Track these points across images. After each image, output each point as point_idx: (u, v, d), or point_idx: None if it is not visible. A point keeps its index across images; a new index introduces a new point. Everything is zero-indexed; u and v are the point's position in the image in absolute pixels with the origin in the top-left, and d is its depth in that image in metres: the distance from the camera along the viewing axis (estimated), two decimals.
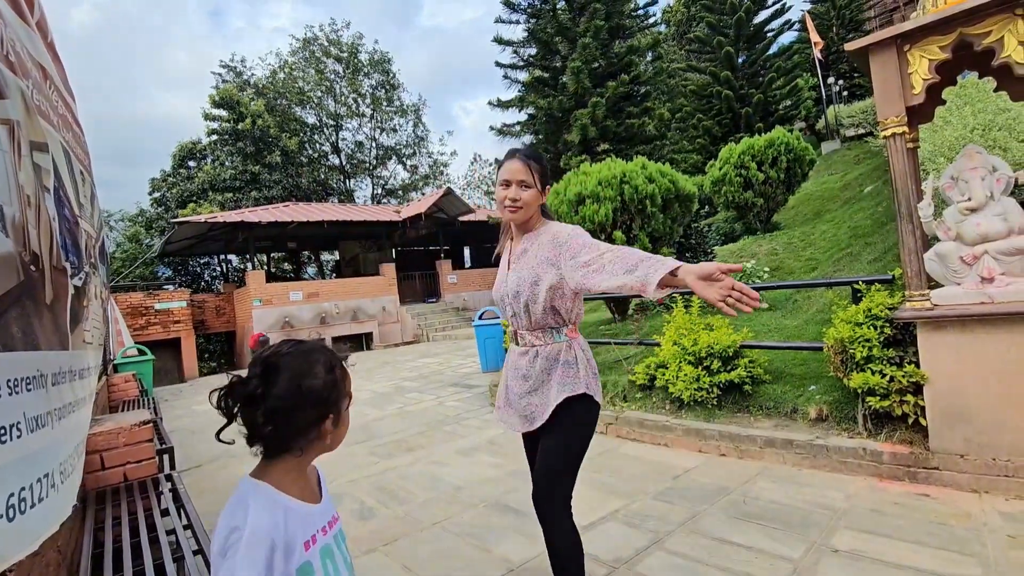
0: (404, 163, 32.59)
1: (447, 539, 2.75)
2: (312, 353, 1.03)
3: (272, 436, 0.98)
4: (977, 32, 2.67)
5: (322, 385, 1.00)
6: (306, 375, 0.99)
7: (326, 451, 1.06)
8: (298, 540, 0.94)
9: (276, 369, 0.97)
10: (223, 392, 0.96)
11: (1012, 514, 2.42)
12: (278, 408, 0.96)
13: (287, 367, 0.98)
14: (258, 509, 0.93)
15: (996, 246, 2.70)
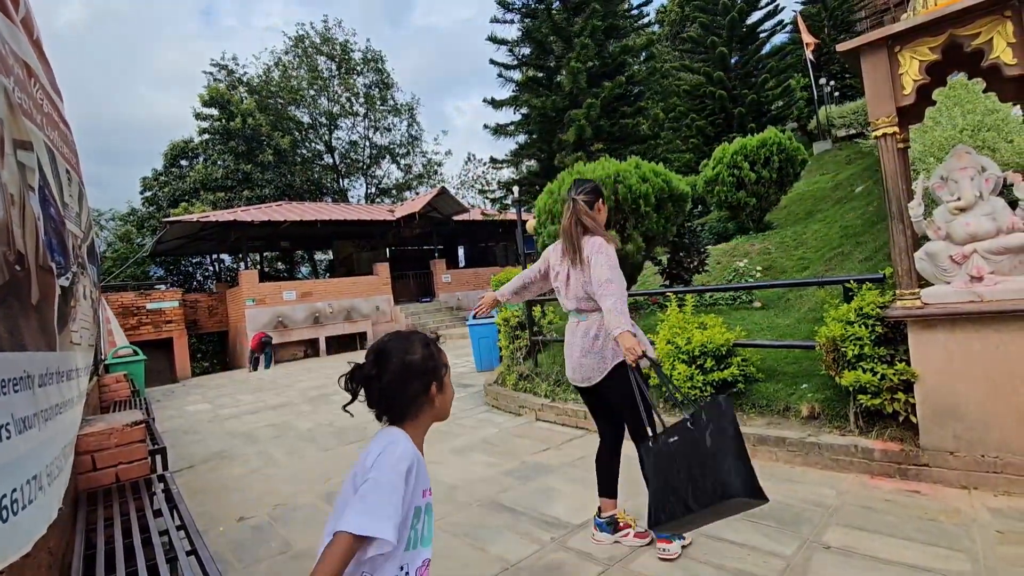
0: (398, 162, 32.51)
1: (443, 539, 2.75)
2: (410, 336, 1.25)
3: (392, 407, 1.20)
4: (967, 33, 2.70)
5: (421, 359, 1.21)
6: (409, 353, 1.20)
7: (438, 417, 1.26)
8: (421, 485, 1.14)
9: (385, 352, 1.20)
10: (347, 376, 1.20)
11: (1000, 510, 2.45)
12: (391, 382, 1.18)
13: (393, 349, 1.21)
14: (405, 440, 1.15)
15: (985, 245, 2.73)
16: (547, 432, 4.60)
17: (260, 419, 6.59)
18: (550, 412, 4.92)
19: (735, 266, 7.25)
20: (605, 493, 2.54)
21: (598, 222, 2.49)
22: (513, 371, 5.88)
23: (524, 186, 14.95)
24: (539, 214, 6.30)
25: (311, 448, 4.89)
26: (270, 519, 3.27)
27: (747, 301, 5.85)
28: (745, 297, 5.89)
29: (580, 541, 2.57)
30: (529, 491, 3.30)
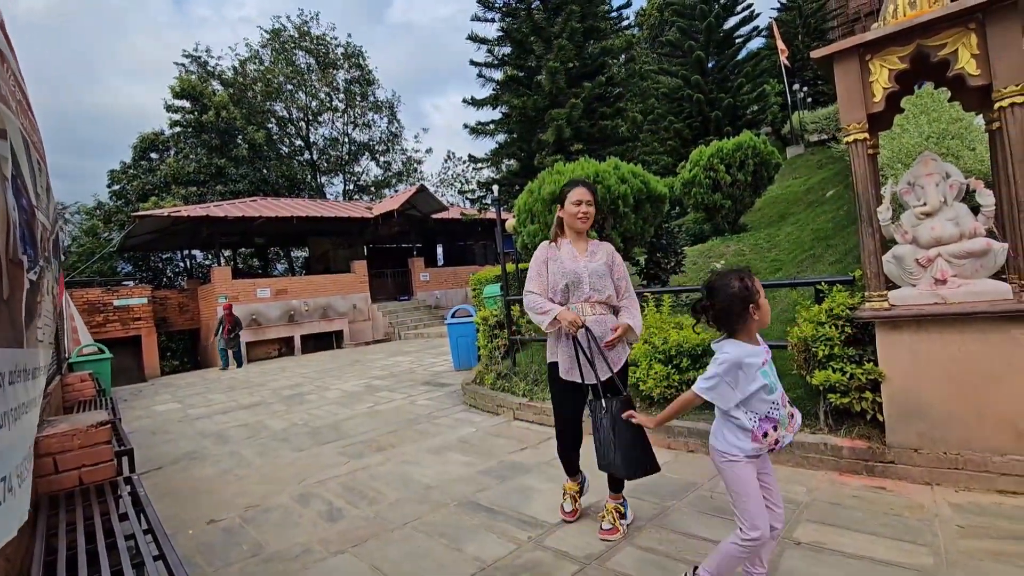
0: (377, 159, 32.19)
1: (418, 539, 2.73)
2: (728, 274, 1.80)
3: (723, 325, 1.82)
4: (933, 44, 2.79)
5: (739, 288, 1.76)
6: (729, 286, 1.77)
7: (761, 326, 1.81)
8: (756, 361, 1.77)
9: (713, 287, 1.82)
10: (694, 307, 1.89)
11: (961, 505, 2.54)
12: (722, 308, 1.80)
13: (719, 286, 1.80)
14: (730, 346, 1.80)
15: (949, 249, 2.83)
16: (525, 431, 4.61)
17: (232, 419, 6.45)
18: (528, 411, 4.93)
19: (711, 267, 7.36)
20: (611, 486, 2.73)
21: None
22: (491, 370, 5.87)
23: (504, 185, 14.94)
24: (519, 213, 6.30)
25: (285, 448, 4.81)
26: (242, 521, 3.20)
27: None
28: None
29: (557, 540, 2.58)
30: (506, 490, 3.29)
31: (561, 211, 2.69)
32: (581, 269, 2.61)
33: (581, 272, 2.60)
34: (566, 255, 2.65)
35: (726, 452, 1.83)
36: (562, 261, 2.63)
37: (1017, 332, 2.61)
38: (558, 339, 2.64)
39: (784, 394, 1.85)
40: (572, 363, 2.58)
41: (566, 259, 2.64)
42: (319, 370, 10.67)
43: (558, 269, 2.62)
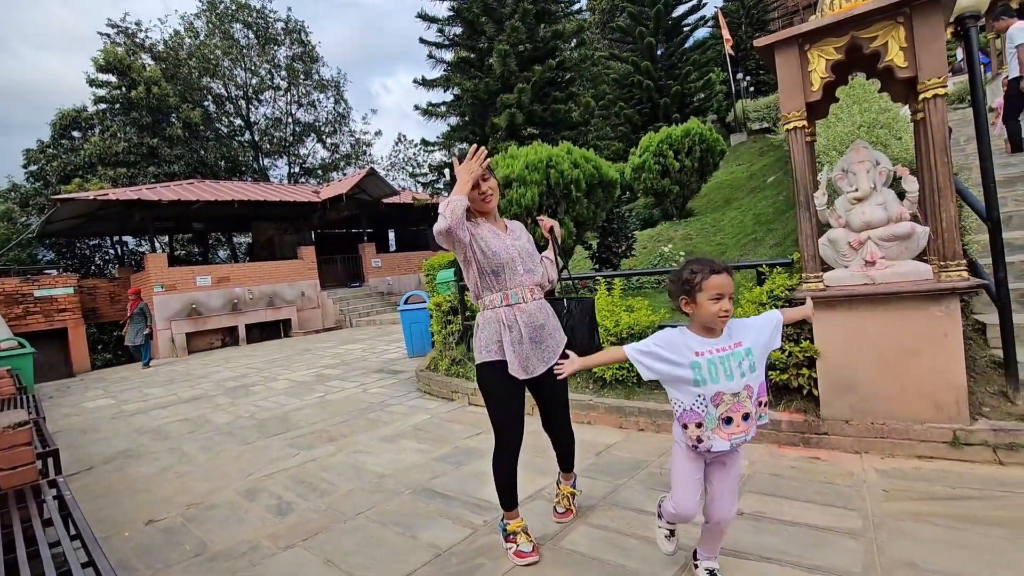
0: (324, 141, 31.04)
1: (372, 529, 2.69)
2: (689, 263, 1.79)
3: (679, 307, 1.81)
4: (866, 36, 2.91)
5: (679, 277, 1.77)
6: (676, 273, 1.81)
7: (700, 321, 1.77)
8: (693, 348, 1.74)
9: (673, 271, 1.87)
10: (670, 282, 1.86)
11: (886, 471, 2.73)
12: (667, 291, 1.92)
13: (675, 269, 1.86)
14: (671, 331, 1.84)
15: (877, 233, 3.00)
16: (480, 416, 4.61)
17: (171, 414, 6.14)
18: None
19: (660, 251, 7.55)
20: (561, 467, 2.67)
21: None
22: (445, 356, 5.83)
23: None
24: None
25: (230, 442, 4.62)
26: (183, 520, 3.06)
27: None
28: None
29: None
30: (462, 476, 3.29)
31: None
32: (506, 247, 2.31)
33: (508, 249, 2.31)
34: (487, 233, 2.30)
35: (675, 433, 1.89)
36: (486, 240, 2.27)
37: (935, 309, 2.81)
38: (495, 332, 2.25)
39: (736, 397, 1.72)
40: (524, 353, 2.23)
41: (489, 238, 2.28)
42: (266, 360, 10.30)
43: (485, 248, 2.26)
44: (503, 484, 2.33)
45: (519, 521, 2.34)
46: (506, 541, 2.32)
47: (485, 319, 2.29)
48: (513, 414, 2.30)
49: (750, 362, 1.74)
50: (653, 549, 2.21)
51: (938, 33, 2.77)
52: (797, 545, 2.12)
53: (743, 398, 1.73)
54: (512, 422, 2.30)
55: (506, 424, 2.30)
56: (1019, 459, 2.62)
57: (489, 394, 2.32)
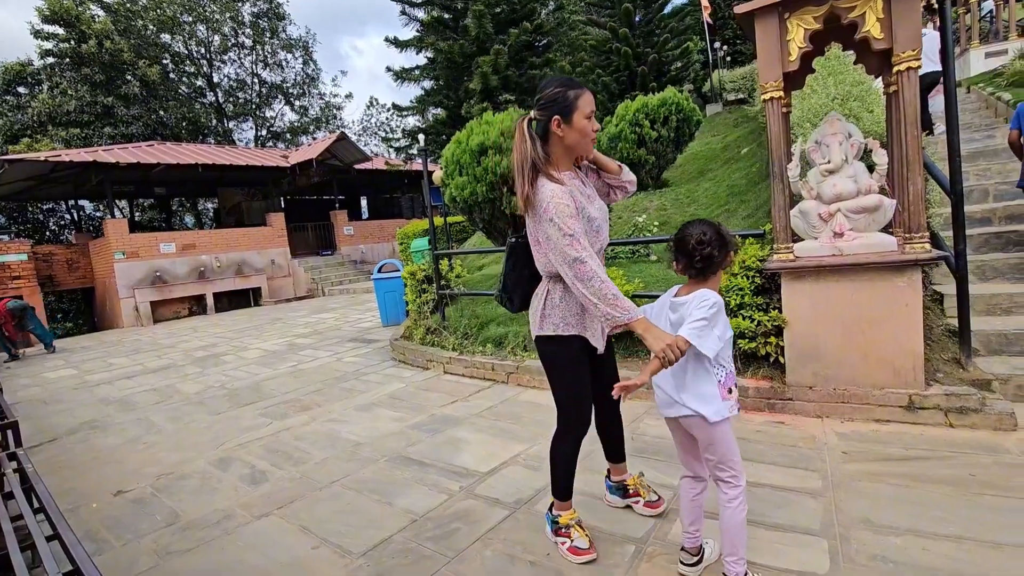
0: (292, 103, 29.88)
1: (347, 497, 2.70)
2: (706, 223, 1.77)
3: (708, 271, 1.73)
4: (845, 6, 2.90)
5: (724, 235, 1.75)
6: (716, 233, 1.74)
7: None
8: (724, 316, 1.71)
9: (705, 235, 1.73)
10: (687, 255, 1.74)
11: (846, 434, 2.86)
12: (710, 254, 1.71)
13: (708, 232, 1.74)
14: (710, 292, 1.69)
15: (847, 204, 3.05)
16: (455, 385, 4.63)
17: (138, 384, 5.99)
18: (458, 365, 4.94)
19: (635, 221, 7.57)
20: (609, 459, 2.35)
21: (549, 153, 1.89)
22: (420, 325, 5.80)
23: (431, 135, 14.41)
24: (446, 164, 6.11)
25: (200, 412, 4.54)
26: (153, 490, 3.02)
27: (645, 255, 6.17)
28: (643, 251, 6.20)
29: (488, 488, 2.64)
30: (437, 443, 3.32)
31: (562, 128, 1.86)
32: (599, 212, 1.96)
33: (600, 217, 1.96)
34: (580, 195, 1.90)
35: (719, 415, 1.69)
36: (583, 207, 1.88)
37: (899, 280, 2.90)
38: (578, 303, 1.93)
39: None
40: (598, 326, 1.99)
41: (583, 202, 1.90)
42: (236, 329, 10.10)
43: (585, 219, 1.87)
44: (564, 470, 2.07)
45: (572, 512, 2.09)
46: (556, 535, 2.08)
47: (565, 288, 1.91)
48: (587, 390, 2.04)
49: None
50: (626, 513, 2.29)
51: (915, 6, 2.77)
52: (762, 505, 2.22)
53: None
54: (587, 399, 2.05)
55: (581, 402, 2.03)
56: (967, 422, 2.77)
57: (563, 370, 2.01)
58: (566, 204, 1.77)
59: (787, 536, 2.02)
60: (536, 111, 1.89)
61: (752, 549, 1.94)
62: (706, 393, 1.70)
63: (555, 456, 2.08)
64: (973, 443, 2.61)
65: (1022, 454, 2.45)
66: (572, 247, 1.73)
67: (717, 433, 1.70)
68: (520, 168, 1.87)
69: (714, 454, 1.74)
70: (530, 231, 1.95)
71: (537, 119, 1.88)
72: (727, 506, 1.72)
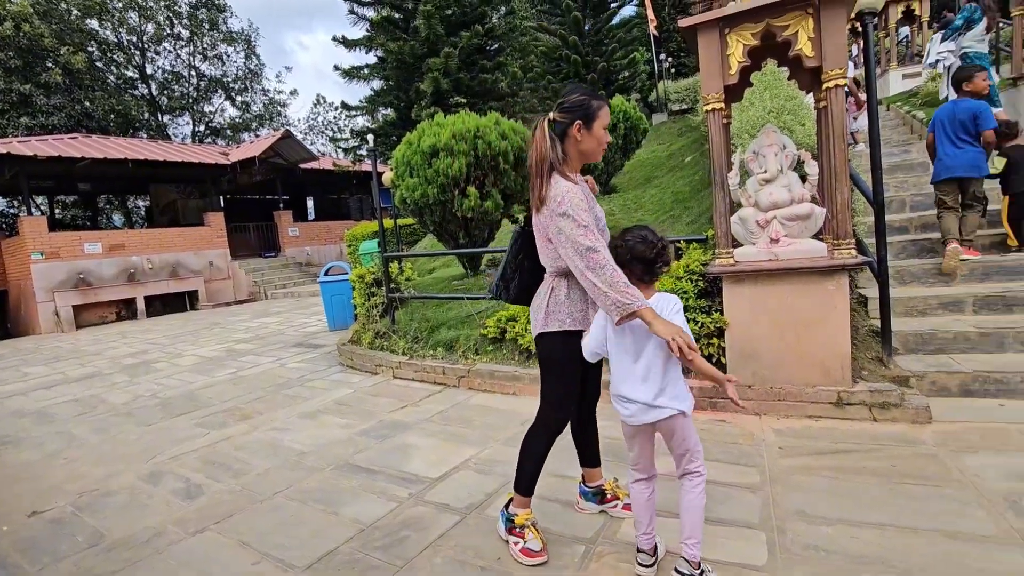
0: (233, 99, 28.65)
1: (290, 508, 2.59)
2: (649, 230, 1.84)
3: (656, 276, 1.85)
4: (780, 24, 3.07)
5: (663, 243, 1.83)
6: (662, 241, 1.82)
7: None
8: None
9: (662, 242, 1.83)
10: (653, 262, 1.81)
11: (782, 430, 3.01)
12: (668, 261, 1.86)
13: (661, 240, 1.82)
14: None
15: (782, 212, 3.22)
16: (405, 389, 4.55)
17: (57, 394, 5.55)
18: (408, 369, 4.86)
19: None
20: (585, 463, 2.33)
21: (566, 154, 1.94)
22: (369, 329, 5.68)
23: (380, 136, 14.15)
24: (397, 166, 6.02)
25: (129, 424, 4.25)
26: (75, 509, 2.79)
27: None
28: None
29: (438, 494, 2.61)
30: (386, 449, 3.24)
31: (581, 133, 1.92)
32: (600, 212, 2.04)
33: (602, 216, 2.03)
34: (588, 194, 2.00)
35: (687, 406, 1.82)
36: (593, 206, 1.97)
37: (829, 284, 3.08)
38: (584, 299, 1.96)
39: None
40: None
41: (592, 202, 2.00)
42: (170, 335, 9.54)
43: (594, 218, 1.92)
44: (533, 464, 2.07)
45: (529, 512, 2.08)
46: (510, 534, 2.06)
47: (571, 285, 1.95)
48: (578, 390, 2.07)
49: None
50: (573, 513, 2.31)
51: (841, 27, 2.97)
52: (707, 501, 2.29)
53: None
54: (574, 399, 2.08)
55: (569, 400, 2.05)
56: (889, 416, 2.98)
57: (563, 366, 2.01)
58: (580, 199, 1.83)
59: (729, 530, 2.10)
60: (558, 113, 1.94)
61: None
62: (681, 390, 1.80)
63: (527, 449, 2.09)
64: (894, 436, 2.80)
65: (936, 445, 2.66)
66: (586, 237, 1.77)
67: (689, 424, 1.82)
68: (538, 166, 1.92)
69: (686, 445, 1.84)
70: (539, 228, 1.97)
71: (558, 121, 1.94)
72: (693, 491, 1.83)
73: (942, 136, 4.43)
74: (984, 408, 3.02)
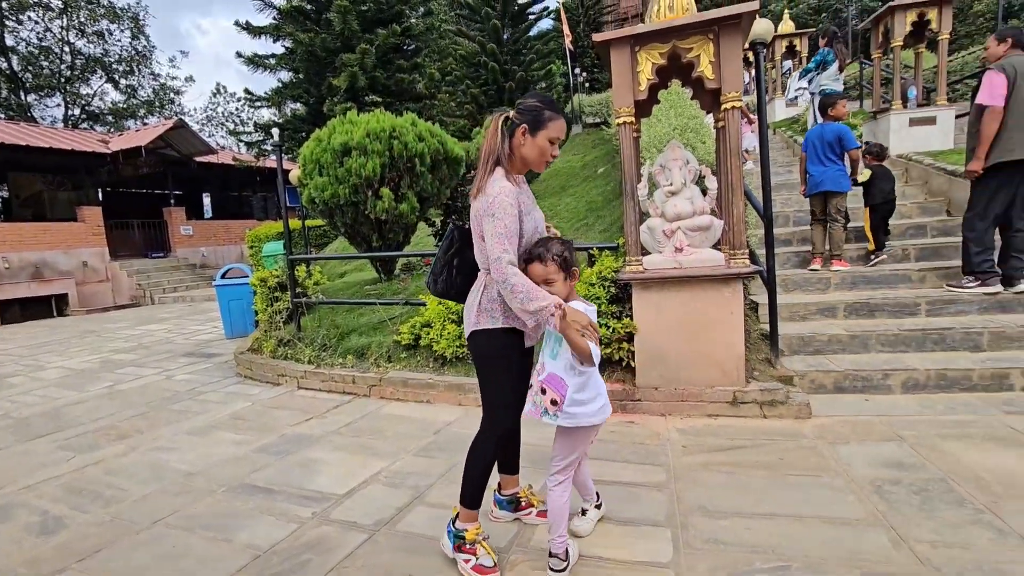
0: (116, 81, 25.86)
1: (173, 537, 2.32)
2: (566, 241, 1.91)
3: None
4: (684, 46, 3.26)
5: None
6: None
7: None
8: None
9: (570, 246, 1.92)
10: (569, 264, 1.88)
11: (685, 429, 3.17)
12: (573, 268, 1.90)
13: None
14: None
15: (686, 223, 3.41)
16: (310, 401, 4.29)
17: None
18: (314, 379, 4.59)
19: None
20: (504, 470, 2.27)
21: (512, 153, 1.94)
22: (272, 337, 5.30)
23: (288, 131, 13.40)
24: (305, 163, 5.70)
25: None
26: None
27: None
28: None
29: (345, 511, 2.46)
30: (287, 466, 3.02)
31: (525, 137, 1.91)
32: (540, 218, 2.04)
33: (540, 221, 2.04)
34: (527, 198, 1.99)
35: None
36: (530, 210, 1.97)
37: (726, 291, 3.31)
38: None
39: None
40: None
41: (530, 205, 1.99)
42: (31, 345, 8.35)
43: (529, 220, 1.93)
44: (480, 475, 1.98)
45: (479, 527, 1.98)
46: (459, 551, 1.95)
47: None
48: (516, 389, 2.00)
49: None
50: (488, 523, 2.27)
51: (738, 53, 3.20)
52: (614, 501, 2.35)
53: None
54: (516, 400, 2.01)
55: (510, 401, 1.99)
56: (776, 413, 3.24)
57: (497, 365, 1.96)
58: (511, 204, 1.81)
59: (637, 529, 2.15)
60: (515, 113, 1.94)
61: (605, 545, 2.04)
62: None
63: (474, 459, 2.00)
64: (781, 431, 3.05)
65: (815, 438, 2.92)
66: (501, 245, 1.77)
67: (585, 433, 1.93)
68: (485, 158, 1.92)
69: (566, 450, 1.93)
70: (473, 224, 1.93)
71: (513, 120, 1.93)
72: (555, 490, 1.90)
73: (813, 155, 4.99)
74: (853, 403, 3.37)
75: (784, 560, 1.89)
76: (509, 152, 1.94)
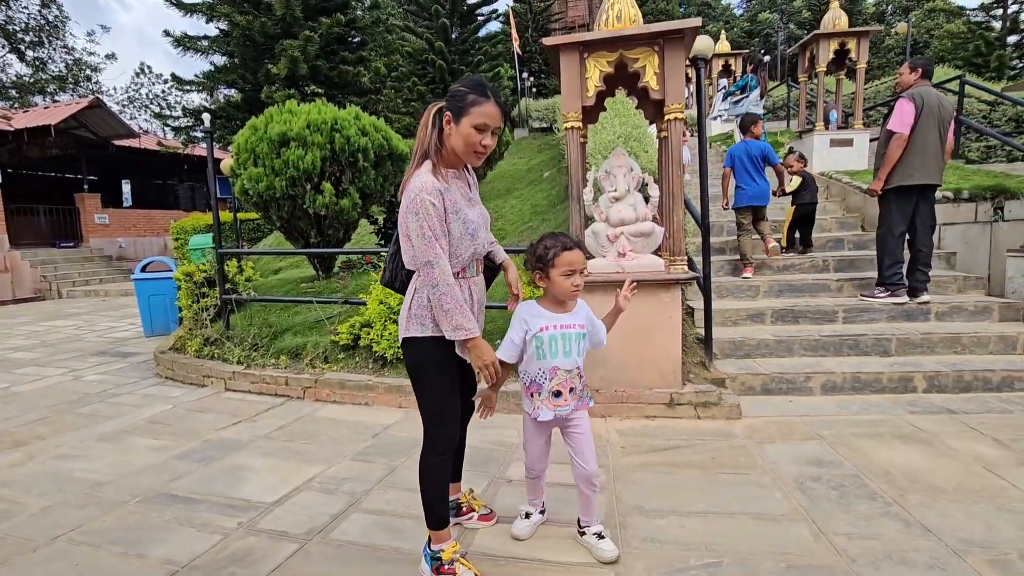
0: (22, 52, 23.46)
1: (77, 554, 2.11)
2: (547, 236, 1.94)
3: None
4: (631, 56, 3.34)
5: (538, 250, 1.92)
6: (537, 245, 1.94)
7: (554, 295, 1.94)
8: (536, 324, 1.91)
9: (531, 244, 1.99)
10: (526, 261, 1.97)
11: (624, 430, 3.24)
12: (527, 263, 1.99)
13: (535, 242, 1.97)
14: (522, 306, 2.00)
15: (629, 229, 3.49)
16: (239, 403, 4.05)
17: None
18: (244, 380, 4.34)
19: None
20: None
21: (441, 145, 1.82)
22: (197, 335, 4.97)
23: (220, 118, 12.68)
24: (239, 153, 5.39)
25: None
26: None
27: None
28: None
29: (274, 520, 2.32)
30: (211, 474, 2.82)
31: (450, 126, 1.77)
32: (478, 217, 1.90)
33: (479, 221, 1.90)
34: (460, 196, 1.83)
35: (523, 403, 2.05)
36: (460, 209, 1.80)
37: (665, 296, 3.41)
38: None
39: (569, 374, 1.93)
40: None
41: (462, 203, 1.82)
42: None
43: (457, 220, 1.78)
44: (437, 491, 1.87)
45: (455, 545, 1.88)
46: (439, 573, 1.83)
47: None
48: (454, 400, 1.89)
49: (581, 345, 1.96)
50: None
51: (681, 67, 3.32)
52: (555, 504, 2.35)
53: (574, 375, 1.95)
54: (454, 410, 1.90)
55: (448, 412, 1.88)
56: (710, 414, 3.37)
57: (432, 376, 1.84)
58: (432, 203, 1.69)
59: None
60: (444, 100, 1.81)
61: (548, 548, 2.04)
62: None
63: (425, 478, 1.87)
64: (714, 431, 3.18)
65: (744, 438, 3.07)
66: (429, 248, 1.69)
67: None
68: (415, 151, 1.85)
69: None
70: (400, 221, 1.82)
71: (443, 109, 1.81)
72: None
73: (741, 170, 5.30)
74: (779, 404, 3.57)
75: (716, 556, 1.96)
76: (438, 144, 1.82)
